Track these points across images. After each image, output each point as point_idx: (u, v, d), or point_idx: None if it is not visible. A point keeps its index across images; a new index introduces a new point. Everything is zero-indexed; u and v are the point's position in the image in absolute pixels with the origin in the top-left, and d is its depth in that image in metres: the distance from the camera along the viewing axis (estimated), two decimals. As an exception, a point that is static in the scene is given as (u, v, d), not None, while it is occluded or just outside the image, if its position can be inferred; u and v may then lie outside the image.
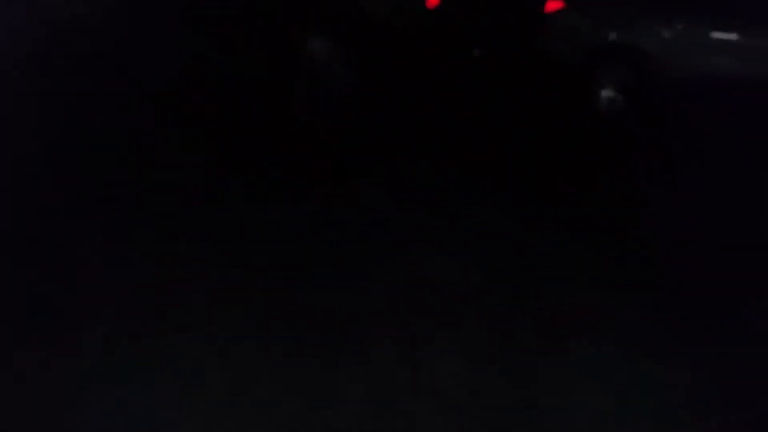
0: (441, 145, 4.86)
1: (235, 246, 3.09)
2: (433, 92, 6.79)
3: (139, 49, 6.92)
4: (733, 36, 5.65)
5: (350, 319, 2.61)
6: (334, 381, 2.29)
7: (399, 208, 3.65)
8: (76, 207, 3.45)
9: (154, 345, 2.43)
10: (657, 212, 3.79)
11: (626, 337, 2.60)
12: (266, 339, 2.48)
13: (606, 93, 5.92)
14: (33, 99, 5.16)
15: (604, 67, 5.95)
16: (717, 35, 5.69)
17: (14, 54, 7.12)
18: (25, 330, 2.50)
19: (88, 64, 6.36)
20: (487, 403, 2.27)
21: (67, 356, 2.39)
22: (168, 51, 6.50)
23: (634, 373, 2.45)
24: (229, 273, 2.90)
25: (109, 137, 4.37)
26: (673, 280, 3.05)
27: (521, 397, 2.31)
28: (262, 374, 2.32)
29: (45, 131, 4.59)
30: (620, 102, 5.90)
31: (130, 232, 3.25)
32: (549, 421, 2.20)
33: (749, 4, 5.60)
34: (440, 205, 3.73)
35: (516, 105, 6.24)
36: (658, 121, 5.65)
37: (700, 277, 3.06)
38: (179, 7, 7.98)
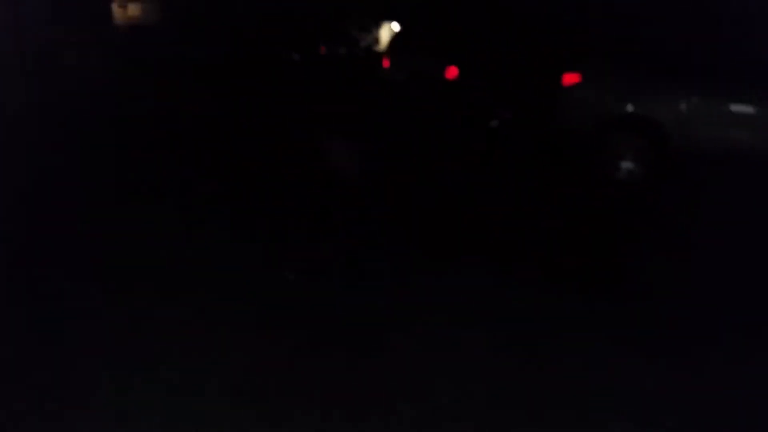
0: (457, 212, 4.90)
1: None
2: (450, 160, 6.90)
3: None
4: (750, 109, 5.67)
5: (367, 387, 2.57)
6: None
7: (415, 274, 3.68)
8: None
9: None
10: (670, 282, 3.74)
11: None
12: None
13: (622, 164, 5.93)
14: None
15: (619, 139, 5.99)
16: (735, 108, 5.72)
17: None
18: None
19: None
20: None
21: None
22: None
23: None
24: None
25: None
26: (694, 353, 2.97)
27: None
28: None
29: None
30: (636, 173, 5.90)
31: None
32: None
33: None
34: (455, 273, 3.73)
35: (532, 175, 6.31)
36: (673, 193, 5.63)
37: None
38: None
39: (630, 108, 6.00)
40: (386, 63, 12.29)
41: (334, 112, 10.51)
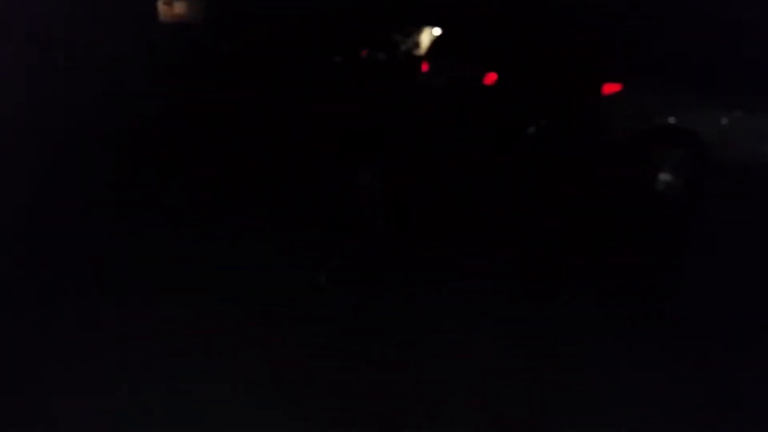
0: (492, 218, 4.97)
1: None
2: (486, 165, 6.96)
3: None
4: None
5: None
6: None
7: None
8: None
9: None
10: (706, 293, 3.75)
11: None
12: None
13: (660, 176, 5.94)
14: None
15: (658, 150, 5.97)
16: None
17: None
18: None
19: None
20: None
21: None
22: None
23: None
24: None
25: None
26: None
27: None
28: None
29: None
30: (674, 185, 5.89)
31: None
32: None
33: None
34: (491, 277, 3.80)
35: (569, 183, 6.33)
36: (712, 205, 5.61)
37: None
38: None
39: (670, 120, 5.99)
40: (425, 67, 12.40)
41: (371, 114, 10.69)
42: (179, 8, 23.06)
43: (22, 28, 9.23)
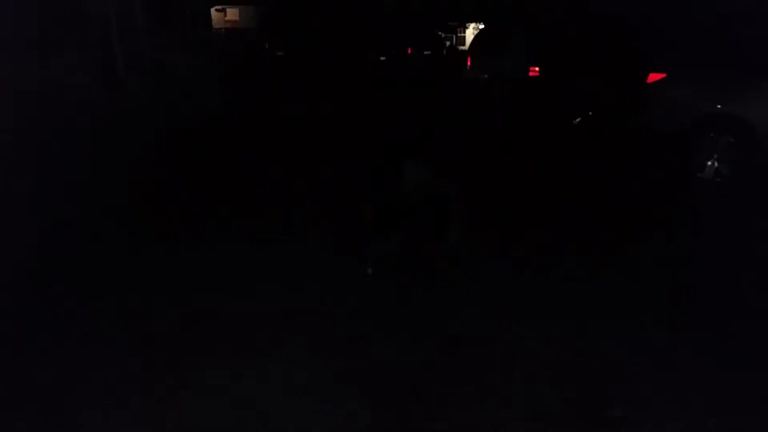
0: (537, 208, 5.04)
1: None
2: (532, 156, 7.00)
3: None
4: None
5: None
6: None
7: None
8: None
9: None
10: (756, 283, 3.70)
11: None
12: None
13: (709, 163, 5.87)
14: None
15: (706, 138, 5.89)
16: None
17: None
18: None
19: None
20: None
21: None
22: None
23: None
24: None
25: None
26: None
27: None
28: None
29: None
30: (723, 173, 5.81)
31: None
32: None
33: None
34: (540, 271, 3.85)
35: (617, 175, 6.33)
36: (761, 193, 5.51)
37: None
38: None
39: (718, 107, 5.89)
40: (468, 62, 12.51)
41: (416, 108, 10.83)
42: (231, 15, 24.09)
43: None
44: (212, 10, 21.40)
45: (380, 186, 3.55)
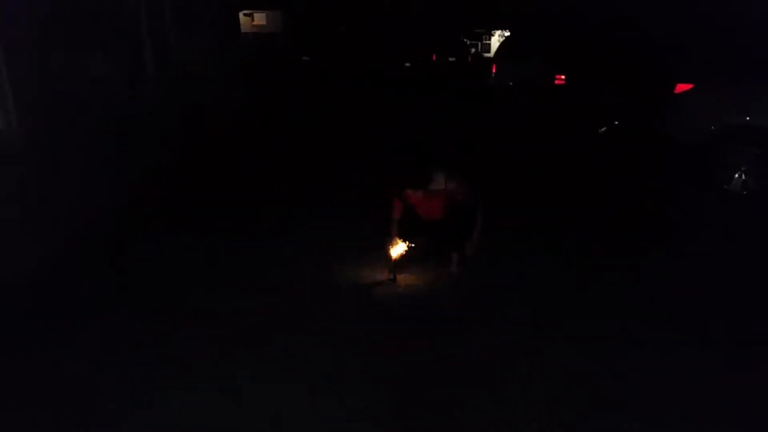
0: (562, 218, 5.05)
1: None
2: (557, 165, 6.98)
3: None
4: None
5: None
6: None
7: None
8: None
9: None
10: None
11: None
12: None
13: (735, 175, 5.80)
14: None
15: (734, 150, 5.82)
16: None
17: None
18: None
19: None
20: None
21: None
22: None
23: None
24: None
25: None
26: None
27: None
28: None
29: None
30: (749, 185, 5.73)
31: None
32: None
33: None
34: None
35: (643, 186, 6.31)
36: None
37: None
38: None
39: (746, 119, 5.81)
40: (493, 69, 12.48)
41: (442, 115, 10.83)
42: (258, 19, 24.48)
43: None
44: (240, 14, 21.74)
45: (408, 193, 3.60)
